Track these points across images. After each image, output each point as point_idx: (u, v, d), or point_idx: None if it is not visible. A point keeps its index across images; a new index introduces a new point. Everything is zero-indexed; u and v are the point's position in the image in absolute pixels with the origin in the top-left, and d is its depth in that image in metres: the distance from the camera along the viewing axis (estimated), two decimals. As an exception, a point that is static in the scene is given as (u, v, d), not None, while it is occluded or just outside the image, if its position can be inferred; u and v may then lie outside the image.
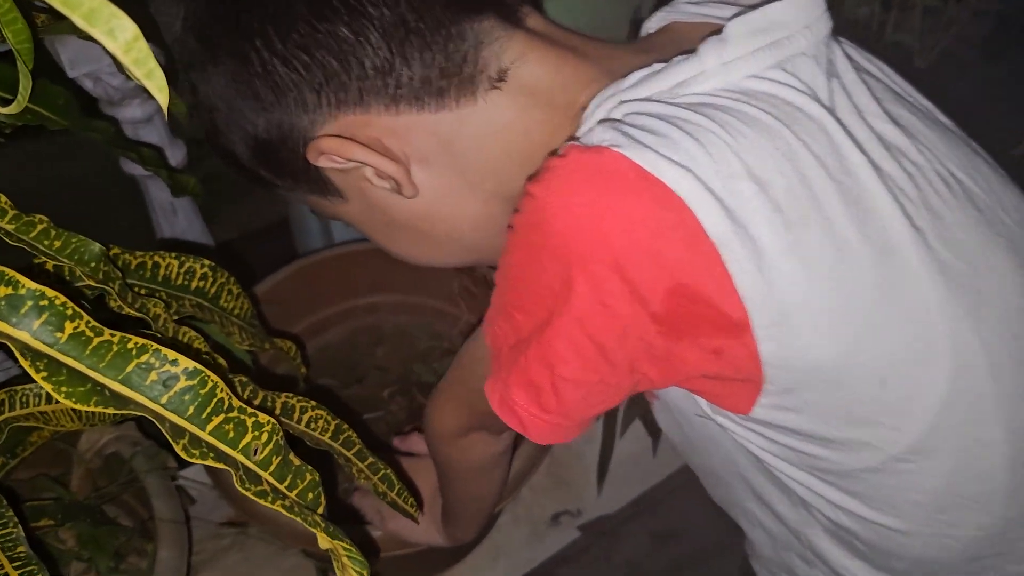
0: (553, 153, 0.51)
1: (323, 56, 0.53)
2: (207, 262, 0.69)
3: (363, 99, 0.54)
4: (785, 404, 0.53)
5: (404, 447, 0.96)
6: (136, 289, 0.65)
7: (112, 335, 0.46)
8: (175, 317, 0.65)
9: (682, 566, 1.33)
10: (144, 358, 0.46)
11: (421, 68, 0.53)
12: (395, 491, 0.63)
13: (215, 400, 0.47)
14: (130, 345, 0.46)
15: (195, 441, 0.46)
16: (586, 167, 0.48)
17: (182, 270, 0.68)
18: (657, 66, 0.53)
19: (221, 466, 0.46)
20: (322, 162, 0.57)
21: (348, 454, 0.60)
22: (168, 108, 0.91)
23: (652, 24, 0.63)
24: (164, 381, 0.46)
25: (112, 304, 0.58)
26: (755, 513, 0.70)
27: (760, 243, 0.48)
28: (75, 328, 0.45)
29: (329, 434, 0.59)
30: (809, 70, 0.54)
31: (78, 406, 0.43)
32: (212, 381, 0.47)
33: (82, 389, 0.44)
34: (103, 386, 0.45)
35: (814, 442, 0.55)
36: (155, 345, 0.46)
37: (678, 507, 1.28)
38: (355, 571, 0.50)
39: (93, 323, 0.46)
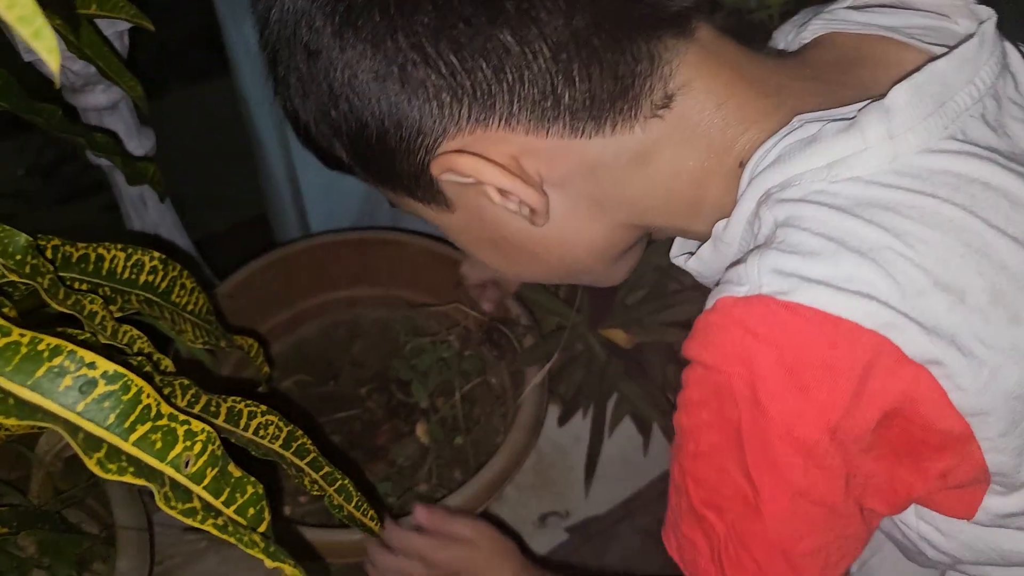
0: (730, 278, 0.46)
1: (476, 61, 0.46)
2: (156, 254, 0.64)
3: (511, 116, 0.48)
4: (1013, 508, 0.49)
5: (430, 524, 0.81)
6: (76, 284, 0.60)
7: (22, 335, 0.41)
8: (119, 314, 0.61)
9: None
10: (57, 361, 0.41)
11: (585, 89, 0.47)
12: (353, 503, 0.58)
13: (140, 407, 0.43)
14: (41, 347, 0.41)
15: (114, 454, 0.41)
16: (759, 324, 0.44)
17: (129, 263, 0.63)
18: (809, 128, 0.47)
19: (141, 482, 0.41)
20: (446, 176, 0.51)
21: (301, 463, 0.55)
22: (133, 96, 0.86)
23: (807, 34, 0.56)
24: (80, 387, 0.41)
25: (48, 299, 0.53)
26: None
27: (971, 355, 0.43)
28: (-23, 328, 0.40)
29: (280, 442, 0.54)
30: (979, 131, 0.48)
31: (-25, 416, 0.38)
32: (136, 386, 0.42)
33: (-19, 397, 0.39)
34: (7, 393, 0.40)
35: None
36: (70, 346, 0.41)
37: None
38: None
39: (0, 321, 0.41)
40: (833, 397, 0.43)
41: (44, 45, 0.33)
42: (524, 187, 0.49)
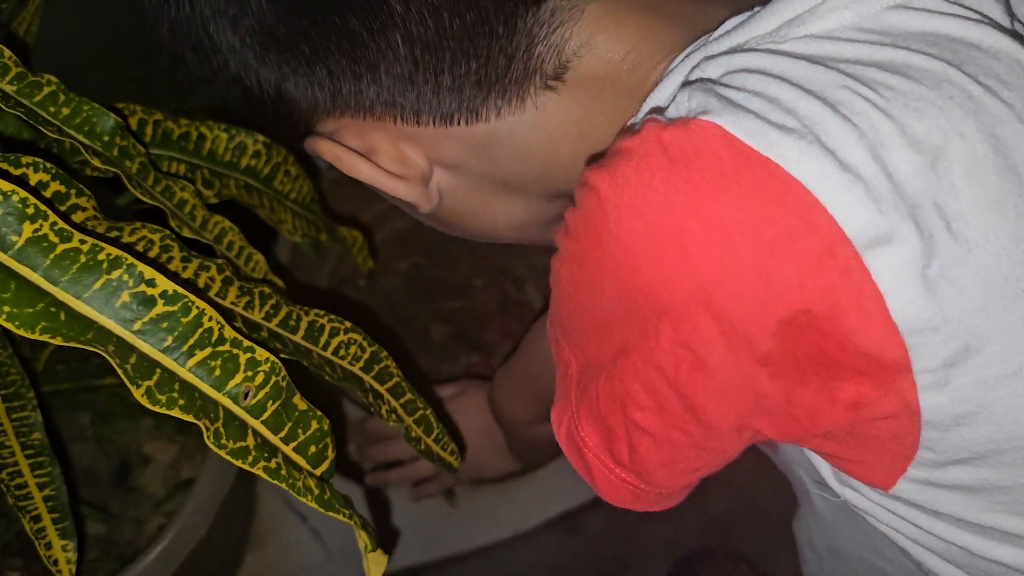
0: (627, 131, 0.37)
1: (327, 50, 0.41)
2: (261, 137, 0.60)
3: (374, 107, 0.43)
4: (946, 480, 0.38)
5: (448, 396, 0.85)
6: (175, 165, 0.57)
7: (82, 241, 0.38)
8: (214, 200, 0.58)
9: (782, 490, 1.23)
10: (116, 274, 0.38)
11: (452, 80, 0.41)
12: (433, 436, 0.54)
13: (200, 330, 0.39)
14: (100, 256, 0.38)
15: (166, 382, 0.38)
16: (666, 149, 0.34)
17: (232, 144, 0.59)
18: (759, 8, 0.38)
19: (189, 418, 0.38)
20: (317, 156, 0.47)
21: (381, 389, 0.51)
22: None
23: None
24: (136, 304, 0.38)
25: (131, 187, 0.50)
26: None
27: (931, 246, 0.32)
28: (36, 230, 0.37)
29: (361, 364, 0.51)
30: (982, 1, 0.37)
31: (21, 331, 0.36)
32: (197, 308, 0.39)
33: (30, 311, 0.36)
34: (60, 306, 0.37)
35: (991, 536, 0.39)
36: (129, 259, 0.38)
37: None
38: (363, 541, 0.43)
39: (60, 224, 0.38)
40: (720, 266, 0.33)
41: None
42: (390, 181, 0.44)
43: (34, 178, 0.44)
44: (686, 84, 0.37)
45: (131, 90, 0.64)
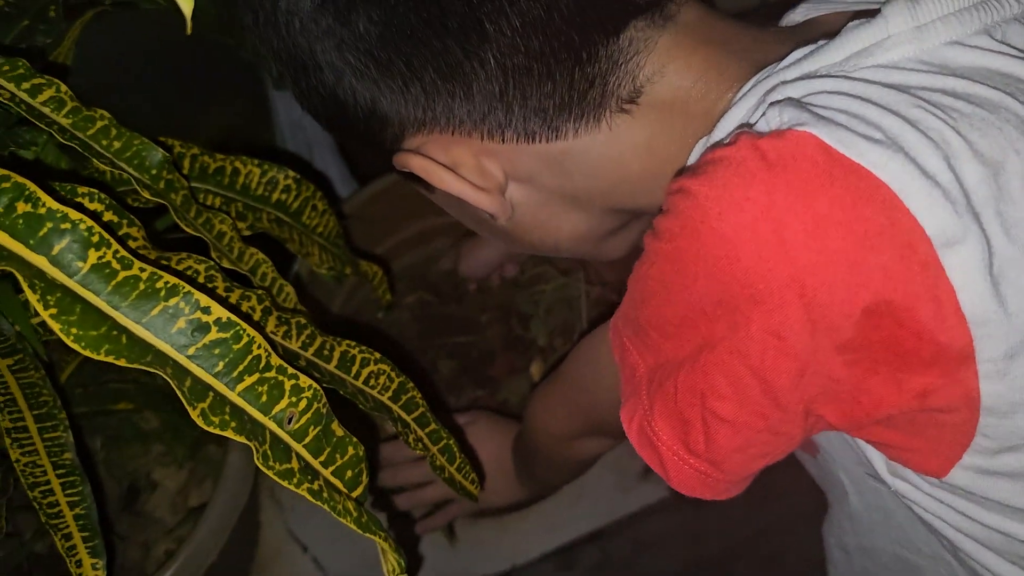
0: (717, 145, 0.40)
1: (424, 70, 0.45)
2: (292, 173, 0.63)
3: (462, 124, 0.47)
4: (998, 468, 0.41)
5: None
6: (210, 198, 0.59)
7: (142, 269, 0.40)
8: (247, 233, 0.60)
9: (775, 531, 1.25)
10: (173, 301, 0.40)
11: (538, 100, 0.45)
12: (456, 465, 0.57)
13: (249, 357, 0.41)
14: (159, 284, 0.40)
15: (218, 404, 0.40)
16: (764, 155, 0.38)
17: (264, 179, 0.62)
18: (823, 41, 0.42)
19: (242, 439, 0.40)
20: (406, 170, 0.50)
21: (408, 418, 0.54)
22: None
23: (797, 15, 0.51)
24: (192, 331, 0.40)
25: (178, 219, 0.52)
26: None
27: (994, 246, 0.37)
28: (100, 257, 0.39)
29: (390, 393, 0.53)
30: (1023, 39, 0.42)
31: (86, 352, 0.38)
32: (247, 335, 0.41)
33: (94, 333, 0.38)
34: (122, 330, 0.39)
35: None
36: (186, 287, 0.40)
37: (779, 473, 1.19)
38: (392, 562, 0.45)
39: (122, 253, 0.40)
40: (814, 257, 0.37)
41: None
42: (474, 192, 0.48)
43: (89, 207, 0.46)
44: (774, 103, 0.40)
45: (158, 120, 0.67)
